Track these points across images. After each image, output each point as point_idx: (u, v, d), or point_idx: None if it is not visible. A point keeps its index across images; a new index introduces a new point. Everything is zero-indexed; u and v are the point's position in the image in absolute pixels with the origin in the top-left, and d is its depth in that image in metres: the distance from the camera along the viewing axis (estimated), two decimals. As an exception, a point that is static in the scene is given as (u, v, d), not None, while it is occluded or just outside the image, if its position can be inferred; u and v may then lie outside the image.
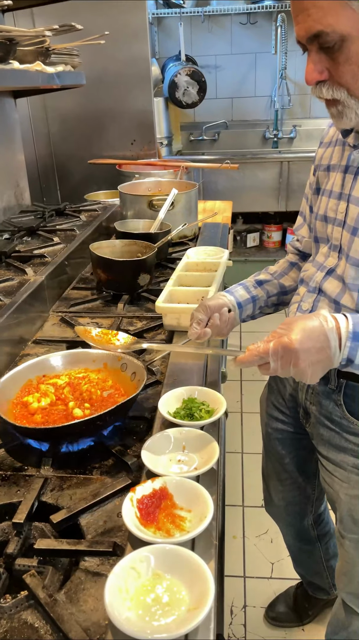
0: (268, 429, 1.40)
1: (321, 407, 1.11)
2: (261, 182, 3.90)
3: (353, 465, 1.08)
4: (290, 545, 1.67)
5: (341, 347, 0.83)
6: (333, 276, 1.01)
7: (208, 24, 4.10)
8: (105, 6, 2.75)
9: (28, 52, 1.58)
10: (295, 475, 1.42)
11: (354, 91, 0.86)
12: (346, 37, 0.80)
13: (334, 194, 1.02)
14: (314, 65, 0.85)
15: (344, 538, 1.17)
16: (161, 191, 2.21)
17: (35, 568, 0.74)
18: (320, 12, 0.80)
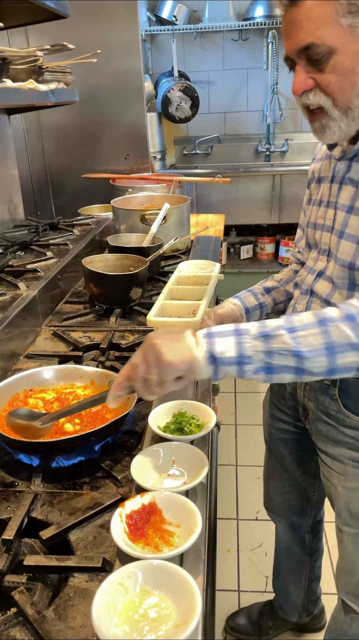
0: (271, 429, 1.44)
1: (318, 402, 1.14)
2: (254, 195, 3.93)
3: (350, 458, 1.11)
4: (280, 553, 1.66)
5: (196, 340, 0.84)
6: (323, 278, 1.07)
7: (201, 41, 4.15)
8: (99, 23, 2.79)
9: (21, 71, 1.61)
10: (296, 476, 1.44)
11: (339, 102, 0.91)
12: (333, 50, 0.86)
13: (322, 203, 1.09)
14: (303, 74, 0.91)
15: (343, 532, 1.19)
16: (153, 205, 2.23)
17: (24, 585, 0.74)
18: (312, 25, 0.86)
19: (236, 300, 1.24)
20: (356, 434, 1.09)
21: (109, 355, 1.37)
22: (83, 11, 2.72)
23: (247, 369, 0.83)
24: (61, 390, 1.16)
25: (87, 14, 2.75)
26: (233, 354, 0.82)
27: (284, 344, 0.81)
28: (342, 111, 0.92)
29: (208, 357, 0.83)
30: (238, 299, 1.25)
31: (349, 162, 1.01)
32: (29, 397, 1.11)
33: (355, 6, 0.84)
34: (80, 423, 1.02)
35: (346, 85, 0.89)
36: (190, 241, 2.21)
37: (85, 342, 1.43)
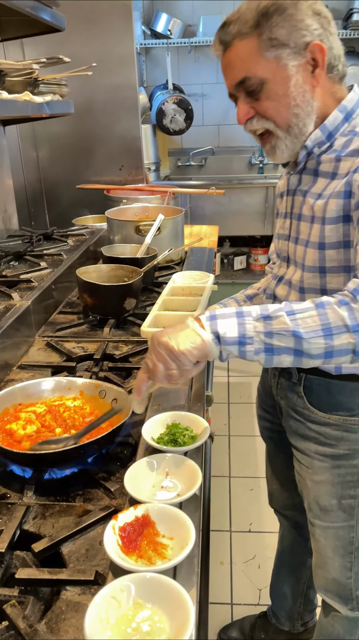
0: (261, 428, 1.51)
1: (287, 400, 1.22)
2: (247, 207, 3.96)
3: (316, 452, 1.18)
4: (283, 553, 1.66)
5: (199, 321, 0.89)
6: (283, 282, 1.17)
7: (195, 54, 4.20)
8: (95, 36, 2.82)
9: (17, 83, 1.62)
10: (292, 473, 1.46)
11: (279, 123, 1.02)
12: (264, 80, 0.98)
13: (282, 215, 1.19)
14: (244, 105, 1.02)
15: (314, 526, 1.24)
16: (148, 216, 2.25)
17: (16, 598, 0.73)
18: (242, 62, 0.99)
19: (220, 306, 1.30)
20: (321, 428, 1.16)
21: (103, 366, 1.37)
22: (79, 24, 2.75)
23: (248, 349, 0.87)
24: (50, 402, 1.16)
25: (82, 27, 2.77)
26: (235, 335, 0.86)
27: (283, 324, 0.85)
28: (284, 130, 1.02)
29: (214, 338, 0.87)
30: (221, 304, 1.31)
31: (299, 175, 1.11)
32: (20, 412, 1.10)
33: (276, 40, 0.96)
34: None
35: (281, 108, 1.00)
36: (184, 252, 2.22)
37: (79, 352, 1.43)
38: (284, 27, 0.95)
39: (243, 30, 0.97)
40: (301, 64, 0.98)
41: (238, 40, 0.98)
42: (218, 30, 1.01)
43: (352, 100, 1.03)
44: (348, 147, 1.01)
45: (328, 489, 1.18)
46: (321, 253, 1.02)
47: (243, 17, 0.97)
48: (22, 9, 1.47)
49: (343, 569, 1.23)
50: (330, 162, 1.03)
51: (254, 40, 0.96)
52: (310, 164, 1.07)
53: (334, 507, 1.19)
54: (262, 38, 0.96)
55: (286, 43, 0.96)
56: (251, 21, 0.96)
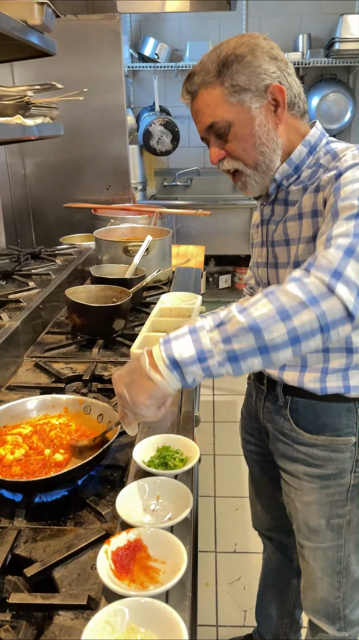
0: (245, 452, 1.52)
1: (274, 423, 1.24)
2: (232, 227, 4.03)
3: (304, 473, 1.19)
4: (268, 574, 1.66)
5: (151, 355, 0.86)
6: None
7: (181, 78, 4.28)
8: (84, 59, 2.87)
9: (8, 106, 1.64)
10: (276, 496, 1.47)
11: (247, 161, 1.08)
12: (231, 122, 1.05)
13: (258, 244, 1.25)
14: (215, 148, 1.09)
15: (304, 548, 1.25)
16: (136, 237, 2.27)
17: (9, 623, 0.73)
18: (209, 109, 1.05)
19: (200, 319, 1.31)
20: (309, 450, 1.18)
21: (92, 387, 1.37)
22: (69, 47, 2.79)
23: (211, 364, 0.82)
24: (35, 422, 1.16)
25: (72, 50, 2.82)
26: (192, 352, 0.82)
27: (237, 323, 0.81)
28: (252, 168, 1.09)
29: (169, 363, 0.83)
30: (202, 317, 1.32)
31: (271, 206, 1.17)
32: (6, 435, 1.10)
33: (238, 86, 1.03)
34: (65, 453, 1.02)
35: (248, 147, 1.06)
36: (171, 272, 2.25)
37: (68, 373, 1.44)
38: (244, 73, 1.02)
39: (207, 80, 1.04)
40: (264, 105, 1.05)
41: (203, 89, 1.05)
42: (185, 81, 1.09)
43: (314, 135, 1.11)
44: (313, 177, 1.09)
45: (316, 509, 1.19)
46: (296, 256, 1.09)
47: (206, 67, 1.04)
48: (12, 34, 1.51)
49: (331, 589, 1.24)
50: (298, 192, 1.10)
51: (217, 88, 1.03)
52: (280, 195, 1.14)
53: (323, 527, 1.20)
54: (225, 85, 1.03)
55: (247, 87, 1.03)
56: (213, 71, 1.03)
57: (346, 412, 1.14)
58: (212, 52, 1.06)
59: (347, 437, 1.15)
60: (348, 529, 1.20)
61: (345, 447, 1.16)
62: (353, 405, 1.14)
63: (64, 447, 1.07)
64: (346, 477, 1.17)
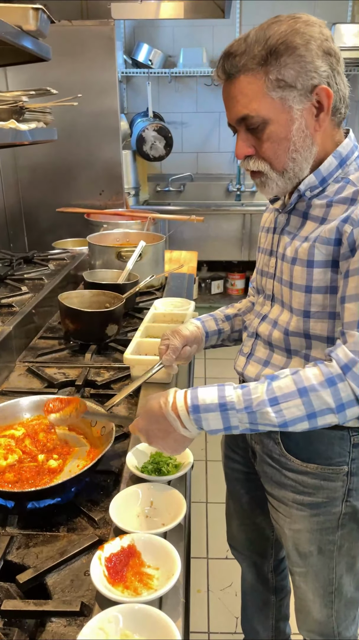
0: (226, 469, 1.46)
1: (263, 445, 1.18)
2: (225, 233, 4.04)
3: (293, 501, 1.14)
4: (246, 592, 1.65)
5: (182, 423, 0.93)
6: (266, 321, 1.14)
7: (175, 84, 4.31)
8: (78, 64, 2.88)
9: (2, 110, 1.64)
10: (253, 515, 1.45)
11: (275, 165, 1.00)
12: (267, 120, 0.96)
13: (266, 251, 1.17)
14: (243, 142, 1.00)
15: (294, 574, 1.22)
16: (129, 242, 2.28)
17: (1, 630, 0.72)
18: (246, 99, 0.95)
19: (199, 323, 1.31)
20: (298, 477, 1.12)
21: (85, 392, 1.37)
22: (63, 52, 2.80)
23: (234, 432, 0.94)
24: (27, 423, 1.16)
25: (66, 56, 2.83)
26: (220, 427, 0.93)
27: (269, 420, 0.90)
28: (279, 173, 1.01)
29: (197, 429, 0.93)
30: (200, 321, 1.32)
31: (288, 215, 1.09)
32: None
33: (283, 82, 0.93)
34: (58, 458, 1.02)
35: (280, 151, 0.98)
36: (164, 278, 2.25)
37: (60, 378, 1.44)
38: (293, 68, 0.92)
39: (250, 66, 0.93)
40: (306, 107, 0.95)
41: (244, 75, 0.94)
42: (223, 59, 0.97)
43: (347, 146, 1.02)
44: (340, 193, 1.00)
45: (306, 536, 1.15)
46: (307, 296, 1.02)
47: (251, 50, 0.93)
48: (7, 39, 1.51)
49: (324, 609, 1.20)
50: (321, 207, 1.02)
51: (260, 78, 0.93)
52: (300, 206, 1.06)
53: (314, 552, 1.16)
54: (269, 77, 0.92)
55: (293, 85, 0.93)
56: (259, 57, 0.92)
57: (339, 440, 1.08)
58: (260, 31, 0.94)
59: (339, 466, 1.09)
60: (339, 552, 1.15)
61: (336, 477, 1.10)
62: (347, 434, 1.07)
63: (56, 451, 1.07)
64: (337, 506, 1.11)
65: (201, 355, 3.87)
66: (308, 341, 1.04)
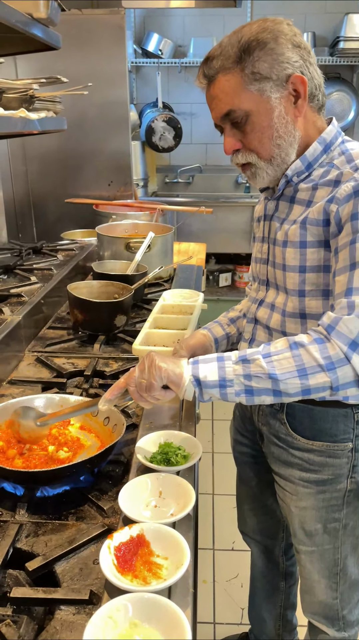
0: (235, 453, 1.49)
1: (269, 426, 1.22)
2: (233, 225, 4.01)
3: (300, 478, 1.18)
4: (256, 578, 1.66)
5: None
6: (263, 305, 1.18)
7: (185, 74, 4.27)
8: (87, 53, 2.86)
9: (13, 99, 1.63)
10: (264, 498, 1.47)
11: (262, 154, 1.05)
12: (249, 112, 1.02)
13: (259, 239, 1.22)
14: (230, 138, 1.06)
15: (300, 552, 1.24)
16: (137, 233, 2.27)
17: (10, 617, 0.73)
18: (227, 96, 1.02)
19: (206, 331, 1.32)
20: (304, 455, 1.16)
21: (93, 383, 1.37)
22: (73, 41, 2.77)
23: (229, 392, 0.95)
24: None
25: (76, 45, 2.81)
26: (215, 378, 0.95)
27: (260, 367, 0.94)
28: (266, 161, 1.06)
29: (194, 380, 0.96)
30: (207, 329, 1.33)
31: (276, 201, 1.14)
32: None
33: (259, 74, 0.99)
34: (69, 451, 1.02)
35: (265, 139, 1.03)
36: (172, 269, 2.25)
37: (69, 368, 1.44)
38: (265, 61, 0.99)
39: (226, 65, 1.00)
40: (284, 96, 1.01)
41: (222, 75, 1.01)
42: (202, 64, 1.04)
43: (330, 132, 1.08)
44: (325, 177, 1.05)
45: (312, 514, 1.18)
46: (301, 276, 1.06)
47: (225, 52, 1.00)
48: (17, 27, 1.50)
49: (328, 590, 1.24)
50: (307, 190, 1.07)
51: (237, 75, 1.00)
52: (287, 192, 1.11)
53: (319, 530, 1.19)
54: (245, 72, 0.99)
55: (268, 76, 0.99)
56: (233, 56, 0.99)
57: (343, 417, 1.11)
58: (233, 35, 1.02)
59: (344, 442, 1.13)
60: (344, 532, 1.19)
61: (342, 453, 1.13)
62: (351, 411, 1.11)
63: (68, 445, 1.07)
64: (342, 483, 1.15)
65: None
66: (303, 321, 1.08)
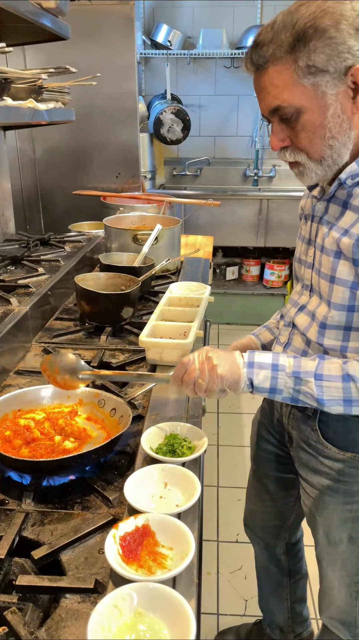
0: (257, 450, 1.47)
1: (300, 431, 1.19)
2: (241, 218, 4.00)
3: (327, 487, 1.15)
4: (259, 572, 1.67)
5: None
6: (304, 312, 1.13)
7: (194, 66, 4.25)
8: (96, 45, 2.84)
9: (21, 90, 1.63)
10: (277, 498, 1.46)
11: (312, 154, 0.98)
12: (300, 109, 0.93)
13: (305, 240, 1.15)
14: (277, 134, 0.98)
15: (322, 560, 1.23)
16: (145, 225, 2.26)
17: (16, 605, 0.73)
18: (276, 90, 0.93)
19: (253, 337, 1.32)
20: (334, 464, 1.13)
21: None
22: (82, 32, 2.77)
23: (277, 397, 1.01)
24: (49, 409, 1.16)
25: (84, 36, 2.80)
26: (267, 386, 1.00)
27: (310, 390, 0.97)
28: (316, 162, 0.98)
29: (248, 384, 1.00)
30: (254, 336, 1.33)
31: (327, 203, 1.06)
32: (19, 418, 1.10)
33: (314, 67, 0.89)
34: (75, 441, 1.02)
35: (316, 139, 0.95)
36: (179, 262, 2.24)
37: (76, 359, 1.44)
38: (323, 52, 0.88)
39: (278, 54, 0.90)
40: (341, 91, 0.91)
41: (272, 65, 0.91)
42: (250, 50, 0.94)
43: None
44: None
45: (338, 524, 1.16)
46: (352, 292, 0.99)
47: (277, 38, 0.90)
48: (26, 17, 1.49)
49: (348, 598, 1.22)
50: None
51: (289, 66, 0.90)
52: (340, 194, 1.02)
53: (344, 540, 1.17)
54: (298, 64, 0.89)
55: (324, 69, 0.89)
56: (286, 44, 0.89)
57: None
58: (287, 15, 0.90)
59: None
60: None
61: None
62: None
63: (74, 435, 1.07)
64: None
65: (214, 327, 3.83)
66: (346, 333, 1.04)
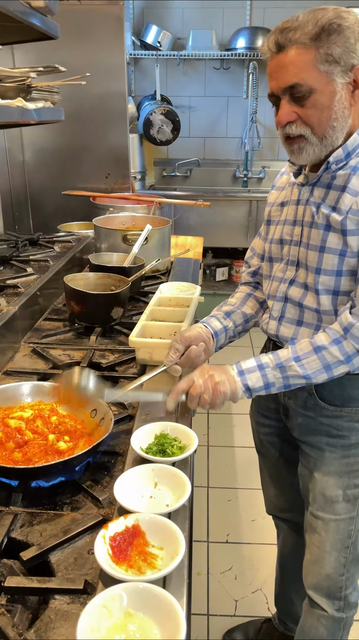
0: (259, 436, 1.53)
1: (296, 398, 1.29)
2: (231, 219, 4.01)
3: (326, 443, 1.26)
4: (286, 557, 1.67)
5: None
6: (295, 285, 1.24)
7: (183, 67, 4.25)
8: (86, 45, 2.84)
9: (10, 88, 1.62)
10: (290, 476, 1.49)
11: (316, 130, 1.10)
12: (313, 89, 1.07)
13: (289, 222, 1.26)
14: (287, 109, 1.10)
15: (317, 518, 1.29)
16: (135, 226, 2.26)
17: (4, 606, 0.73)
18: (296, 69, 1.06)
19: (203, 325, 1.34)
20: (333, 421, 1.24)
21: (89, 374, 1.36)
22: (71, 32, 2.75)
23: (272, 390, 1.16)
24: (37, 406, 1.15)
25: (74, 35, 2.79)
26: (261, 384, 1.15)
27: (295, 371, 1.13)
28: (318, 138, 1.11)
29: (245, 389, 1.15)
30: (204, 324, 1.36)
31: (311, 187, 1.20)
32: (7, 418, 1.09)
33: (331, 57, 1.04)
34: (70, 440, 1.02)
35: (323, 118, 1.09)
36: (169, 262, 2.24)
37: (65, 360, 1.43)
38: (340, 46, 1.04)
39: (303, 40, 1.04)
40: (346, 83, 1.07)
41: (296, 48, 1.05)
42: (276, 32, 1.07)
43: None
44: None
45: (335, 479, 1.25)
46: (341, 258, 1.14)
47: (304, 27, 1.04)
48: (15, 15, 1.48)
49: (337, 565, 1.28)
50: (344, 176, 1.13)
51: (312, 52, 1.04)
52: (324, 178, 1.17)
53: (340, 497, 1.25)
54: (319, 51, 1.04)
55: (338, 61, 1.04)
56: (311, 33, 1.03)
57: None
58: (309, 13, 1.06)
59: None
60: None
61: None
62: None
63: (69, 433, 1.05)
64: None
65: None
66: (334, 297, 1.16)
